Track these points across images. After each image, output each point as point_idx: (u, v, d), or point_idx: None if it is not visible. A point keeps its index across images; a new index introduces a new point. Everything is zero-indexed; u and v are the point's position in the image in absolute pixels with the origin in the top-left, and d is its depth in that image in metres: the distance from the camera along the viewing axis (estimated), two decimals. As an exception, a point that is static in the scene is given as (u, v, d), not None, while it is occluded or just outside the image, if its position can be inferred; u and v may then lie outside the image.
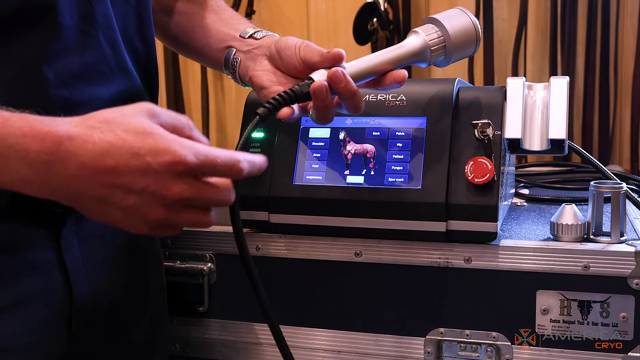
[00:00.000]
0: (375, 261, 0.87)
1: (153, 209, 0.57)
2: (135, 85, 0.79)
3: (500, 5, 1.97)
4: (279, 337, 0.73)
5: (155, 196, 0.57)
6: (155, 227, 0.59)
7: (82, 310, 0.75)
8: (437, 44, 0.79)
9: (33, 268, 0.71)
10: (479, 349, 0.85)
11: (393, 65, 0.78)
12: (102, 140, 0.56)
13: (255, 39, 0.86)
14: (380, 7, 1.98)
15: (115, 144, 0.56)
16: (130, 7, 0.79)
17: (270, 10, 2.17)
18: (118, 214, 0.58)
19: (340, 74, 0.72)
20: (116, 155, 0.56)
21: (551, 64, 1.92)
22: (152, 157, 0.56)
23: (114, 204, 0.57)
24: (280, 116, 0.72)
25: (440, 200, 0.82)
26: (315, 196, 0.86)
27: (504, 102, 0.86)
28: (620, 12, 1.87)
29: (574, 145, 0.95)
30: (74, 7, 0.70)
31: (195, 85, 2.28)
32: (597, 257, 0.79)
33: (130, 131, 0.56)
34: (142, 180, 0.56)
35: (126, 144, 0.56)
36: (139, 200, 0.57)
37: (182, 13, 0.93)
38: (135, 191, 0.56)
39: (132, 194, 0.57)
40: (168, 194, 0.57)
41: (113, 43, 0.75)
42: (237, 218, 0.67)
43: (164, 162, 0.56)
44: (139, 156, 0.56)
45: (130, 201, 0.57)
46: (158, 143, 0.56)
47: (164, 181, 0.56)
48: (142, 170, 0.56)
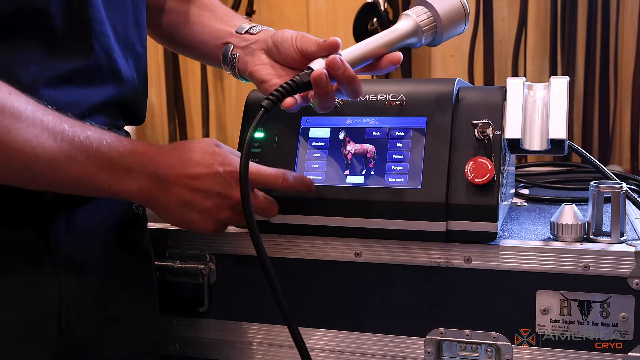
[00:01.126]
0: (375, 261, 0.87)
1: (223, 211, 0.75)
2: (129, 90, 0.80)
3: (500, 5, 1.97)
4: (299, 340, 0.73)
5: (225, 199, 0.75)
6: (219, 226, 0.77)
7: (71, 306, 0.75)
8: (427, 24, 0.81)
9: (22, 264, 0.71)
10: (479, 349, 0.85)
11: (387, 49, 0.80)
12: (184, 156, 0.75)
13: (252, 34, 0.87)
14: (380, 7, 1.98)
15: (194, 158, 0.74)
16: (128, 13, 0.80)
17: (270, 10, 2.17)
18: (195, 216, 0.75)
19: (338, 60, 0.75)
20: (197, 167, 0.74)
21: (551, 64, 1.92)
22: (222, 167, 0.74)
23: (195, 206, 0.74)
24: (284, 106, 0.75)
25: (440, 200, 0.82)
26: (315, 196, 0.86)
27: (504, 102, 0.86)
28: (620, 12, 1.86)
29: (574, 145, 0.95)
30: (67, 12, 0.70)
31: (195, 85, 2.28)
32: (597, 257, 0.79)
33: (205, 150, 0.75)
34: (216, 185, 0.74)
35: (203, 159, 0.74)
36: (215, 203, 0.75)
37: (174, 11, 0.94)
38: (212, 195, 0.74)
39: (209, 197, 0.74)
40: (234, 196, 0.75)
41: (107, 48, 0.75)
42: (255, 232, 0.74)
43: (229, 171, 0.74)
44: (214, 166, 0.74)
45: (208, 204, 0.74)
46: (225, 157, 0.75)
47: (231, 186, 0.75)
48: (214, 176, 0.74)
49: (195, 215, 0.75)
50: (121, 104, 0.80)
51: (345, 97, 0.79)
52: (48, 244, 0.73)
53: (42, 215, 0.72)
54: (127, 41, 0.79)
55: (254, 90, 0.96)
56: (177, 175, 0.73)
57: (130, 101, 0.82)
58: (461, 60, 2.01)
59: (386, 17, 1.99)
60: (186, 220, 0.75)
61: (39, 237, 0.72)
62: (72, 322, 0.75)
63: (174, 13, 0.94)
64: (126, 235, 0.84)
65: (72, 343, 0.76)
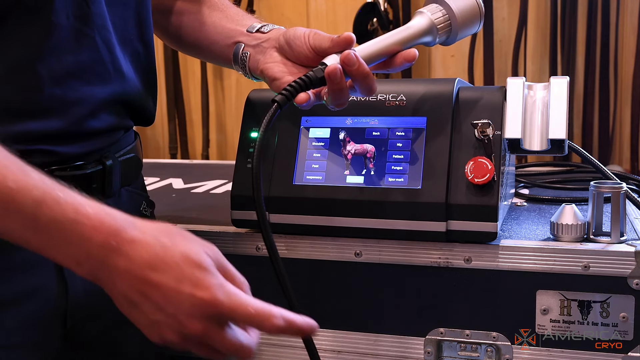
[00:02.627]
0: (375, 261, 0.87)
1: (171, 332, 0.60)
2: (131, 88, 0.80)
3: (500, 5, 1.97)
4: (308, 339, 0.73)
5: (179, 325, 0.59)
6: (164, 342, 0.62)
7: (77, 308, 0.75)
8: (442, 22, 0.80)
9: (28, 266, 0.71)
10: (479, 349, 0.85)
11: (401, 46, 0.79)
12: (156, 256, 0.59)
13: (263, 33, 0.86)
14: (380, 7, 1.98)
15: (169, 263, 0.59)
16: (129, 9, 0.79)
17: (270, 10, 2.17)
18: (143, 321, 0.61)
19: (353, 56, 0.73)
20: (162, 274, 0.59)
21: (551, 64, 1.92)
22: (193, 289, 0.58)
23: (142, 312, 0.60)
24: (298, 102, 0.74)
25: (440, 200, 0.82)
26: (315, 196, 0.86)
27: (504, 102, 0.86)
28: (620, 12, 1.87)
29: (574, 145, 0.95)
30: (70, 7, 0.70)
31: (195, 85, 2.28)
32: (597, 257, 0.79)
33: (185, 255, 0.60)
34: (174, 305, 0.58)
35: (177, 267, 0.59)
36: (163, 320, 0.59)
37: (184, 12, 0.93)
38: (165, 312, 0.59)
39: (161, 312, 0.59)
40: (188, 325, 0.59)
41: (109, 44, 0.75)
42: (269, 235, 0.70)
43: (200, 297, 0.58)
44: (184, 283, 0.58)
45: (156, 317, 0.59)
46: (204, 278, 0.59)
47: (191, 313, 0.58)
48: (180, 296, 0.58)
49: (144, 321, 0.61)
50: (126, 102, 0.80)
51: (359, 94, 0.78)
52: None
53: None
54: (126, 38, 0.79)
55: (254, 90, 0.96)
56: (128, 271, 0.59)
57: (134, 99, 0.81)
58: (461, 60, 2.01)
59: (386, 17, 1.99)
60: (133, 318, 0.62)
61: None
62: (78, 325, 0.75)
63: (184, 14, 0.93)
64: None
65: (78, 344, 0.76)
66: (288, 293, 0.71)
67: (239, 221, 0.90)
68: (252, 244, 0.91)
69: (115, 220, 0.59)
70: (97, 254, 0.58)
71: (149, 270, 0.59)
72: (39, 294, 0.72)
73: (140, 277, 0.59)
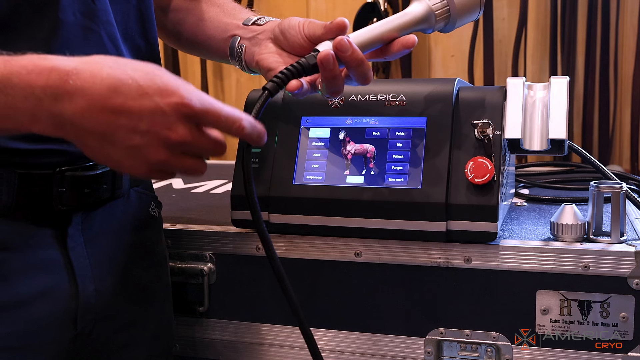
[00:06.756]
0: (375, 261, 0.87)
1: (155, 150, 0.57)
2: None
3: (500, 5, 1.97)
4: (311, 340, 0.73)
5: (159, 137, 0.57)
6: (154, 170, 0.59)
7: (88, 309, 0.75)
8: (440, 8, 0.78)
9: (39, 267, 0.71)
10: (479, 349, 0.85)
11: (398, 33, 0.77)
12: (111, 76, 0.56)
13: (259, 25, 0.86)
14: (380, 7, 1.98)
15: (125, 81, 0.56)
16: (131, 5, 0.79)
17: (270, 11, 2.17)
18: (120, 154, 0.58)
19: (346, 42, 0.72)
20: (125, 93, 0.56)
21: (551, 64, 1.92)
22: (160, 98, 0.56)
23: (117, 142, 0.57)
24: (289, 89, 0.72)
25: (440, 200, 0.82)
26: (315, 196, 0.86)
27: (504, 102, 0.86)
28: (620, 12, 1.87)
29: (574, 145, 0.95)
30: (76, 3, 0.70)
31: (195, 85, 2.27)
32: (597, 257, 0.79)
33: (138, 70, 0.57)
34: (148, 120, 0.56)
35: (135, 83, 0.56)
36: (143, 141, 0.57)
37: (182, 9, 0.93)
38: (140, 131, 0.56)
39: (137, 133, 0.57)
40: (171, 136, 0.57)
41: (114, 39, 0.75)
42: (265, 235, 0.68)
43: (172, 103, 0.56)
44: (147, 95, 0.56)
45: (134, 141, 0.57)
46: (167, 84, 0.57)
47: (169, 122, 0.57)
48: (149, 110, 0.56)
49: (121, 153, 0.58)
50: None
51: (355, 83, 0.76)
52: (65, 248, 0.73)
53: (59, 220, 0.72)
54: (127, 33, 0.79)
55: (254, 90, 0.96)
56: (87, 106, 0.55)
57: None
58: (461, 60, 2.01)
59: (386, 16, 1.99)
60: (107, 158, 0.59)
61: (55, 241, 0.72)
62: (88, 326, 0.75)
63: (181, 11, 0.93)
64: (142, 238, 0.84)
65: (88, 346, 0.76)
66: (284, 285, 0.70)
67: (239, 221, 0.90)
68: (252, 244, 0.91)
69: (47, 59, 0.56)
70: (46, 97, 0.55)
71: (109, 94, 0.56)
72: (51, 295, 0.71)
73: (102, 104, 0.55)
